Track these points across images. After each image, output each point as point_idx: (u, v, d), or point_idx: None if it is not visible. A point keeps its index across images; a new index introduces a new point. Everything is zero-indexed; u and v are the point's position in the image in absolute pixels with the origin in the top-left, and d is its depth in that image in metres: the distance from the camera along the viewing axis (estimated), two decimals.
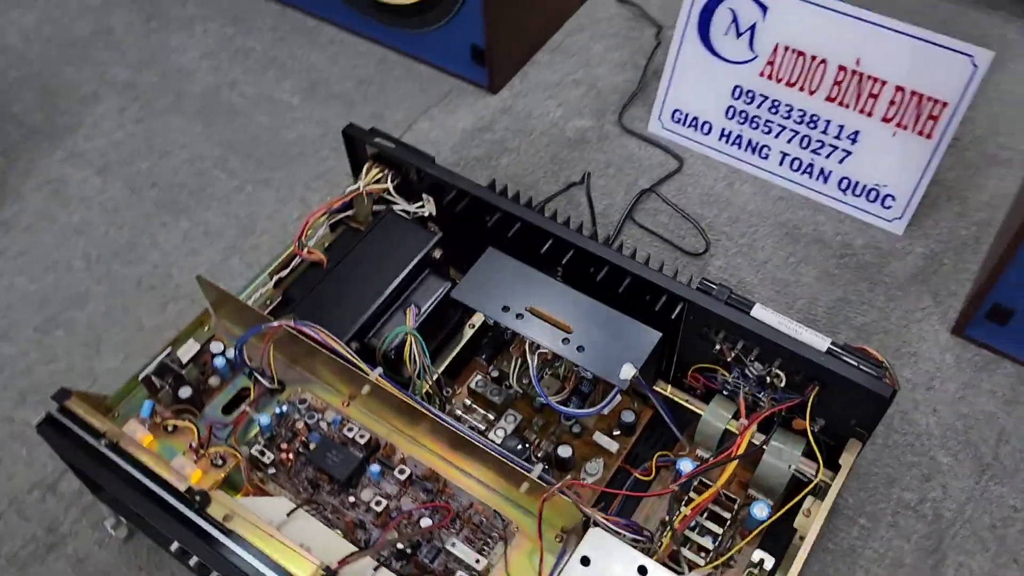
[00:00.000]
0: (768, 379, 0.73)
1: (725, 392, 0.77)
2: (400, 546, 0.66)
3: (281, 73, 1.21)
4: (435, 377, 0.77)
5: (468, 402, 0.80)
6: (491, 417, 0.78)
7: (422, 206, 0.85)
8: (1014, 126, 1.11)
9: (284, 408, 0.75)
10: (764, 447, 0.73)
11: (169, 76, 1.22)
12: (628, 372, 0.70)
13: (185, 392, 0.75)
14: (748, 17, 1.00)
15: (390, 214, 0.84)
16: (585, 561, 0.61)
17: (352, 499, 0.70)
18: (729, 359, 0.74)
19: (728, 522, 0.73)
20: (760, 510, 0.70)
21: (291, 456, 0.72)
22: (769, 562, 0.64)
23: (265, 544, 0.62)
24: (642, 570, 0.61)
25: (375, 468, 0.71)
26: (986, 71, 0.89)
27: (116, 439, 0.67)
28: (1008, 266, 0.85)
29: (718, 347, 0.74)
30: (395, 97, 1.18)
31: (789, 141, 1.04)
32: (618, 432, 0.79)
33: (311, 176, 1.09)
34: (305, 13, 1.29)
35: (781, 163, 1.05)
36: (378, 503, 0.69)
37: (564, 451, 0.75)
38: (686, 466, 0.72)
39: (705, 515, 0.72)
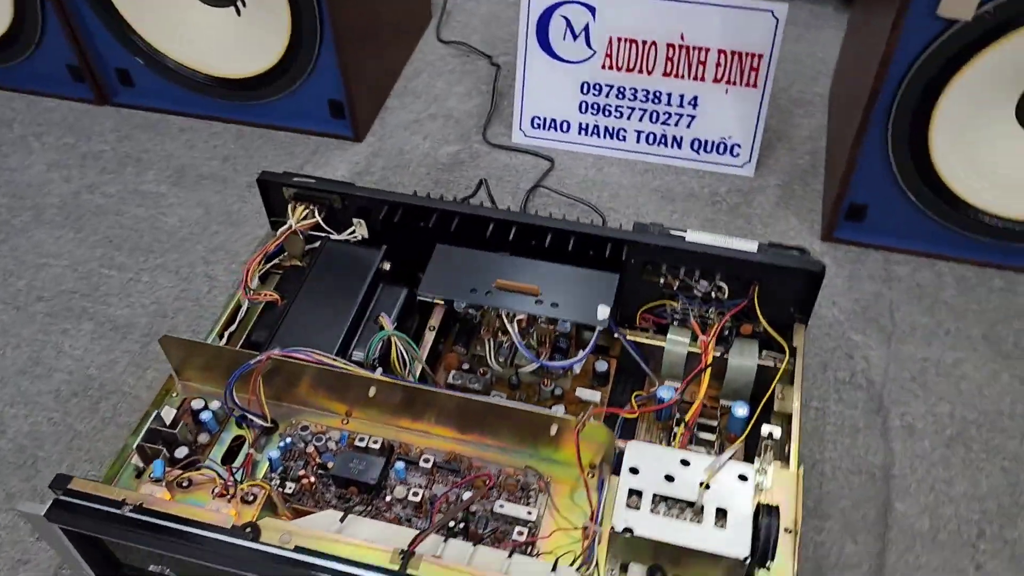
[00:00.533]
0: (713, 294, 0.83)
1: (675, 322, 0.86)
2: (451, 524, 0.68)
3: (140, 167, 1.20)
4: (422, 366, 0.80)
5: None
6: None
7: (353, 231, 0.88)
8: (805, 74, 1.31)
9: (288, 440, 0.74)
10: (726, 356, 0.82)
11: (19, 194, 1.16)
12: (604, 312, 0.77)
13: (182, 452, 0.72)
14: (580, 20, 1.12)
15: (328, 243, 0.87)
16: (634, 471, 0.66)
17: (388, 499, 0.71)
18: (675, 287, 0.83)
19: (716, 430, 0.81)
20: (740, 409, 0.78)
21: (312, 480, 0.72)
22: (777, 432, 0.72)
23: (336, 549, 0.62)
24: (684, 462, 0.67)
25: (399, 465, 0.72)
26: (785, 21, 1.07)
27: (140, 502, 0.64)
28: (852, 174, 1.01)
29: (663, 280, 0.83)
30: (265, 164, 1.20)
31: (640, 119, 1.17)
32: (595, 384, 0.85)
33: (207, 251, 1.08)
34: (145, 110, 1.28)
35: (638, 140, 1.18)
36: (415, 495, 0.70)
37: (557, 410, 0.80)
38: (666, 393, 0.80)
39: (693, 437, 0.79)
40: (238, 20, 1.16)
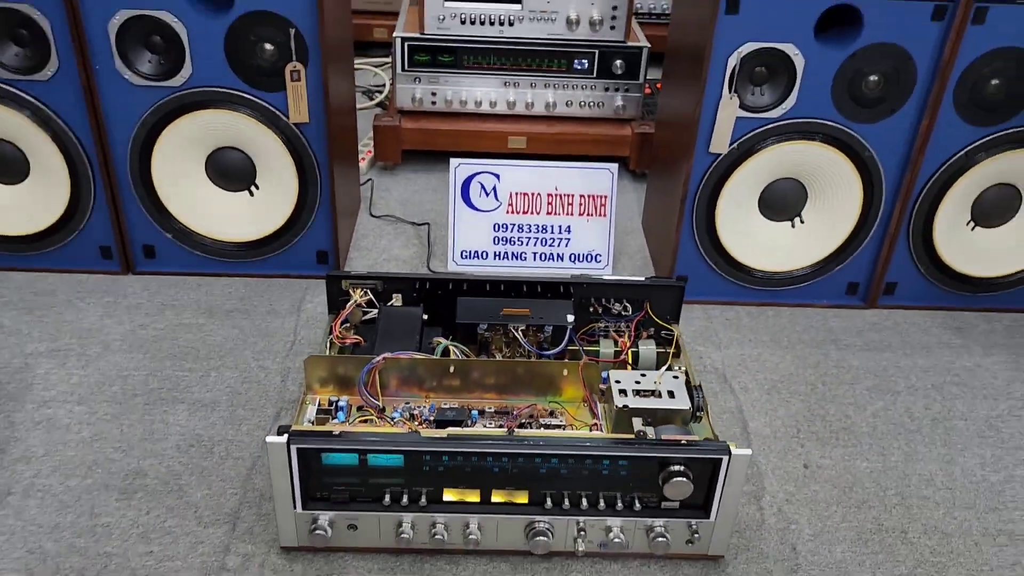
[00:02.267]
0: (621, 312, 1.37)
1: (602, 336, 1.39)
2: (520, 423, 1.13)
3: (176, 310, 1.58)
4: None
5: None
6: None
7: (392, 302, 1.35)
8: (624, 213, 1.97)
9: (397, 412, 1.17)
10: (637, 347, 1.35)
11: (83, 336, 1.50)
12: (570, 317, 1.29)
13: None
14: (489, 183, 1.71)
15: (385, 307, 1.32)
16: (617, 381, 1.16)
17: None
18: (600, 311, 1.37)
19: None
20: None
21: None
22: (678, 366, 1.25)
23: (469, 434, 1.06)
24: (642, 375, 1.18)
25: (475, 412, 1.17)
26: (617, 175, 1.72)
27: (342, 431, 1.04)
28: (675, 257, 1.64)
29: (591, 308, 1.36)
30: (274, 299, 1.62)
31: (534, 245, 1.74)
32: None
33: (254, 353, 1.48)
34: (165, 274, 1.67)
35: (535, 259, 1.74)
36: (485, 427, 1.15)
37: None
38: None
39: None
40: (251, 199, 1.63)
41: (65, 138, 1.53)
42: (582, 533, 1.09)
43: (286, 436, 1.03)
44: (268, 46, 1.47)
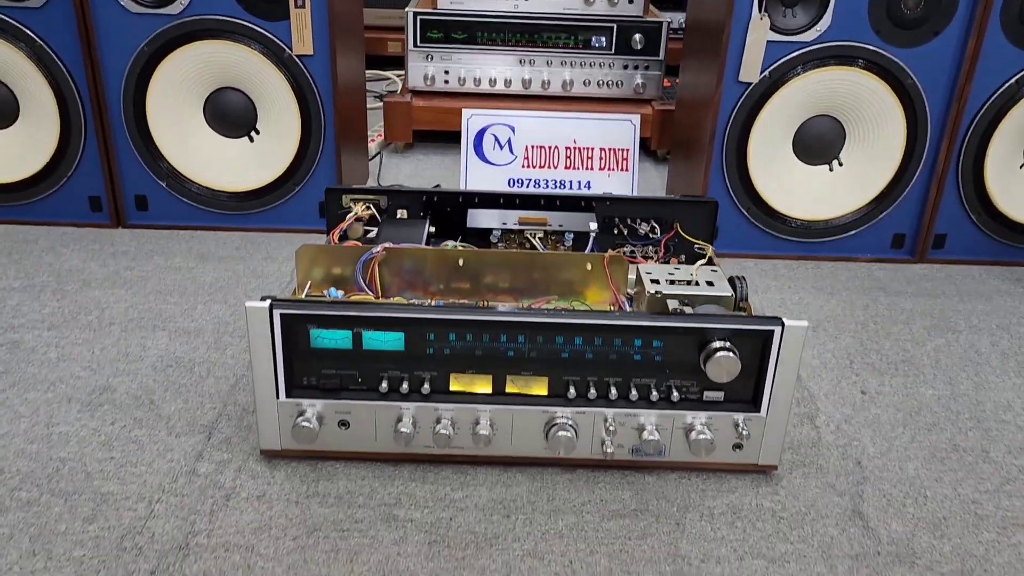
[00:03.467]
0: (649, 233, 1.24)
1: (630, 258, 1.25)
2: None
3: (166, 256, 1.46)
4: None
5: None
6: None
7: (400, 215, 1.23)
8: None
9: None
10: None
11: (63, 275, 1.38)
12: (593, 224, 1.16)
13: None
14: (504, 135, 1.61)
15: (387, 218, 1.20)
16: (648, 272, 1.02)
17: None
18: (625, 232, 1.24)
19: None
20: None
21: None
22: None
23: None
24: (675, 269, 1.04)
25: (489, 307, 1.03)
26: (639, 126, 1.62)
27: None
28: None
29: (616, 229, 1.24)
30: (270, 250, 1.50)
31: None
32: None
33: (248, 291, 1.35)
34: (157, 228, 1.56)
35: None
36: None
37: None
38: None
39: None
40: (251, 144, 1.53)
41: (57, 73, 1.45)
42: (611, 432, 0.93)
43: (268, 302, 0.90)
44: None
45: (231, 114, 1.52)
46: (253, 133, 1.53)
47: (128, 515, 0.88)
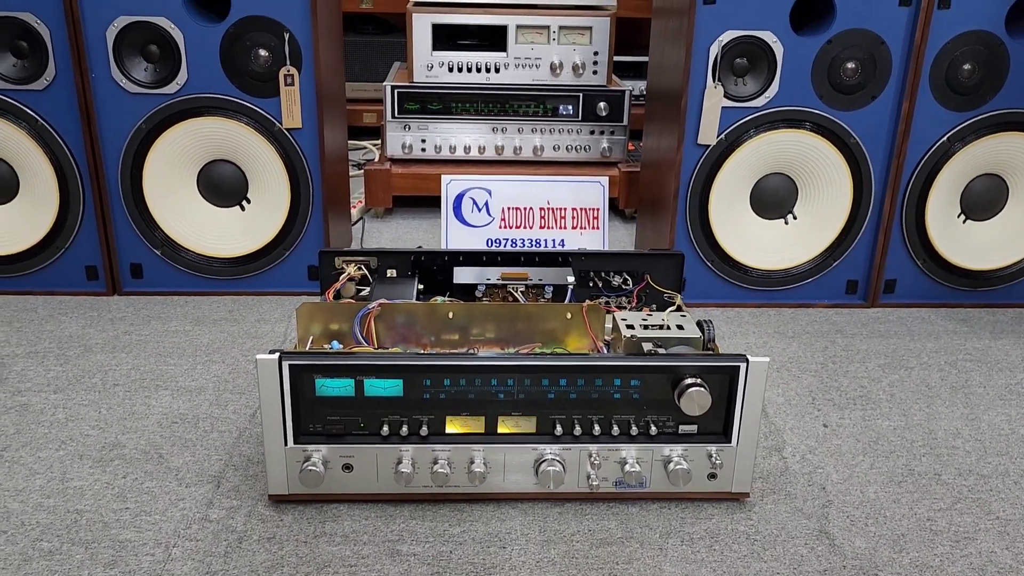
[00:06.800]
0: (622, 284, 1.34)
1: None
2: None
3: (162, 321, 1.53)
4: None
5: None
6: None
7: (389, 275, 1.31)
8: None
9: None
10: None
11: (64, 341, 1.43)
12: (571, 277, 1.26)
13: None
14: (481, 198, 1.71)
15: (380, 278, 1.29)
16: (623, 319, 1.12)
17: None
18: (600, 284, 1.34)
19: None
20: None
21: None
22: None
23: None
24: (648, 315, 1.13)
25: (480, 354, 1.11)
26: (608, 187, 1.73)
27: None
28: None
29: (592, 282, 1.33)
30: (262, 313, 1.57)
31: None
32: None
33: (243, 352, 1.42)
34: (152, 295, 1.63)
35: None
36: None
37: None
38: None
39: None
40: (242, 213, 1.62)
41: (57, 150, 1.53)
42: (595, 466, 1.01)
43: (278, 355, 0.97)
44: (263, 52, 1.51)
45: (224, 185, 1.61)
46: (244, 202, 1.62)
47: (147, 559, 0.94)
